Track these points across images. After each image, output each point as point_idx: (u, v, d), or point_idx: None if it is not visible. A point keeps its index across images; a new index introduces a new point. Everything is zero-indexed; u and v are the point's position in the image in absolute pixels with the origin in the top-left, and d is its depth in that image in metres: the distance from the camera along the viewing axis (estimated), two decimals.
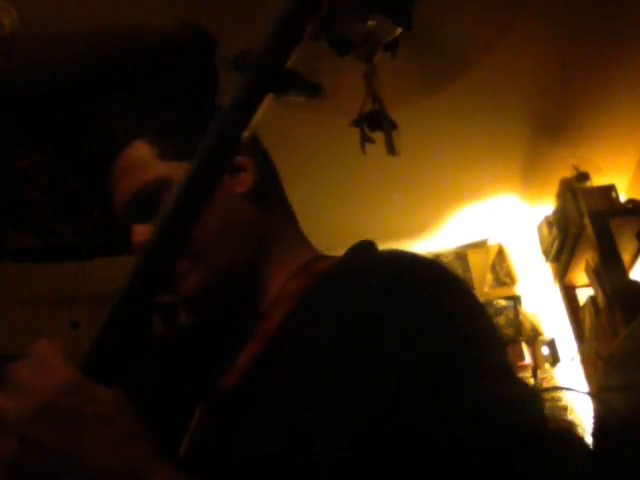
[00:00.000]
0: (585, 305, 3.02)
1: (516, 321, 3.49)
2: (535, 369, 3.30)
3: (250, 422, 0.63)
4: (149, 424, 0.57)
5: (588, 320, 2.95)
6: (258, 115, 0.58)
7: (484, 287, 3.69)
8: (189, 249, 0.74)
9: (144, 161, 0.80)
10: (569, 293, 3.22)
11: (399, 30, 2.04)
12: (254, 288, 0.78)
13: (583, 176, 3.02)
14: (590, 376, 2.89)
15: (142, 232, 0.78)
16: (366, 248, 0.77)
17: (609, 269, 2.65)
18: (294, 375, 0.62)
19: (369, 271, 0.65)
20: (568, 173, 3.05)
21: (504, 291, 3.66)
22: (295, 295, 0.73)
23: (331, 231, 2.31)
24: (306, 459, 0.55)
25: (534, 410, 0.58)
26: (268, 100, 0.58)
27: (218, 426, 0.68)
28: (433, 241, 3.64)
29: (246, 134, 0.58)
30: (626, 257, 2.73)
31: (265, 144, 0.92)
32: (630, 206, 2.83)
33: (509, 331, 3.47)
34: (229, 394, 0.69)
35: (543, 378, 3.24)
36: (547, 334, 3.45)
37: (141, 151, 0.81)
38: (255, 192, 0.81)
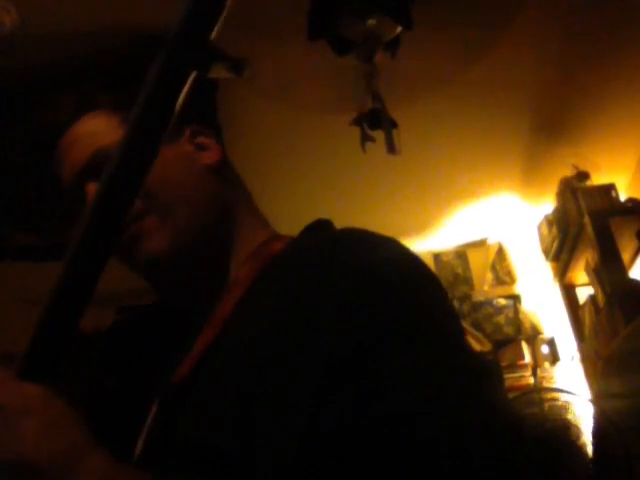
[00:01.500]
0: (585, 304, 3.02)
1: (516, 320, 3.49)
2: (535, 368, 3.29)
3: (198, 412, 0.63)
4: (102, 428, 0.56)
5: (588, 319, 2.95)
6: (184, 92, 0.58)
7: (484, 286, 3.69)
8: (155, 204, 0.76)
9: (102, 128, 0.81)
10: (569, 292, 3.22)
11: (399, 29, 2.04)
12: (216, 263, 0.78)
13: (583, 175, 3.02)
14: (590, 375, 2.89)
15: None
16: (320, 227, 0.77)
17: (609, 268, 2.65)
18: (239, 362, 0.62)
19: (312, 252, 0.65)
20: (568, 172, 3.05)
21: (504, 290, 3.66)
22: (247, 279, 0.73)
23: None
24: (249, 446, 0.55)
25: (489, 381, 0.56)
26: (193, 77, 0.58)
27: (169, 418, 0.67)
28: (433, 240, 3.64)
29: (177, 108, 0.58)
30: (626, 256, 2.72)
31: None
32: (630, 205, 2.83)
33: (509, 330, 3.47)
34: (181, 385, 0.69)
35: (543, 377, 3.24)
36: (547, 333, 3.44)
37: (96, 121, 0.82)
38: (219, 168, 0.83)
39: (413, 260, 0.65)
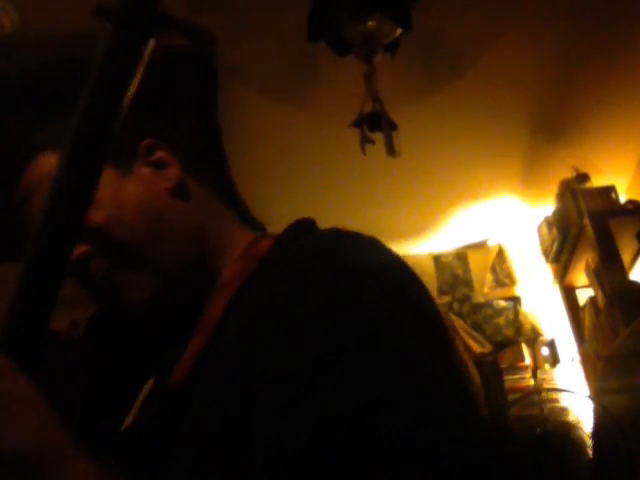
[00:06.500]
0: (585, 306, 3.02)
1: (516, 322, 3.49)
2: (535, 370, 3.29)
3: (199, 409, 0.63)
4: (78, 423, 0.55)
5: (588, 320, 2.95)
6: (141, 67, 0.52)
7: (484, 288, 3.69)
8: (121, 258, 0.72)
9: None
10: (569, 294, 3.22)
11: (399, 30, 2.04)
12: (204, 281, 0.75)
13: (583, 177, 3.02)
14: (590, 376, 2.88)
15: None
16: (304, 227, 0.75)
17: (609, 269, 2.65)
18: (235, 364, 0.61)
19: (299, 255, 0.64)
20: (568, 174, 3.06)
21: (504, 292, 3.66)
22: (235, 281, 0.72)
23: None
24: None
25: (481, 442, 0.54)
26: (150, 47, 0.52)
27: (168, 414, 0.67)
28: (433, 241, 3.64)
29: (130, 92, 0.52)
30: (626, 257, 2.73)
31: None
32: (630, 207, 2.84)
33: (509, 332, 3.46)
34: (179, 387, 0.67)
35: (543, 379, 3.24)
36: (547, 335, 3.44)
37: (51, 164, 0.73)
38: (182, 185, 0.78)
39: (397, 262, 0.64)
